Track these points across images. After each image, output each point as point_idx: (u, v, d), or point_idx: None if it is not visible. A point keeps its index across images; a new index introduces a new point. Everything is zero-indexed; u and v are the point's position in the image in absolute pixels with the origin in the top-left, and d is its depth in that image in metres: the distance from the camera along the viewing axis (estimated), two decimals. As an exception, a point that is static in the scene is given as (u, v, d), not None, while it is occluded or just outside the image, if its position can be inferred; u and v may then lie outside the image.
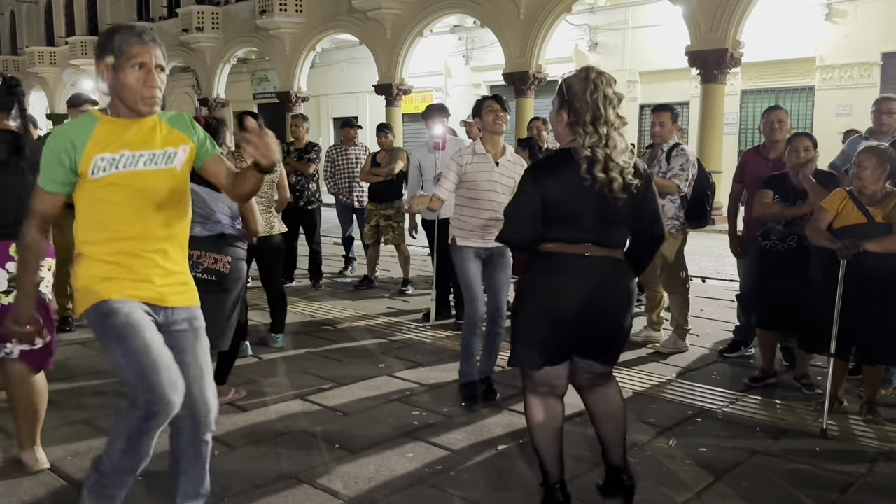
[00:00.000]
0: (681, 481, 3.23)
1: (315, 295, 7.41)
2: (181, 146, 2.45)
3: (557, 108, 2.73)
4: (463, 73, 21.62)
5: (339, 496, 3.07)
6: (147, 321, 2.35)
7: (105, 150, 2.31)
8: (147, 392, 2.26)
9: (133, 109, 2.35)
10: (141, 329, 2.31)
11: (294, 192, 7.56)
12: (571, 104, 2.66)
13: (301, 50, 21.48)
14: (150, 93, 2.32)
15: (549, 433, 2.82)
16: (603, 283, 2.69)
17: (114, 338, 2.30)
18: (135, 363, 2.26)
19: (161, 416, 2.30)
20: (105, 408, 4.01)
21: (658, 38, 17.06)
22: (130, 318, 2.31)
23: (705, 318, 6.37)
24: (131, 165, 2.34)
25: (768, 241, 4.50)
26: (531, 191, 2.70)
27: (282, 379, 4.67)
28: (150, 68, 2.31)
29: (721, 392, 4.45)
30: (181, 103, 29.75)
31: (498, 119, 4.20)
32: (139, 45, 2.30)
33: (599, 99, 2.61)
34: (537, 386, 2.81)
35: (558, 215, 2.68)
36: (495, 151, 4.26)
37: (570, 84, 2.68)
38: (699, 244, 11.09)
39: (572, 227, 2.68)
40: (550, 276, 2.71)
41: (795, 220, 4.39)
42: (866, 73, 15.01)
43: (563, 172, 2.67)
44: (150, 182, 2.37)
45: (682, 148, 5.21)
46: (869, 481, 3.26)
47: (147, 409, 2.27)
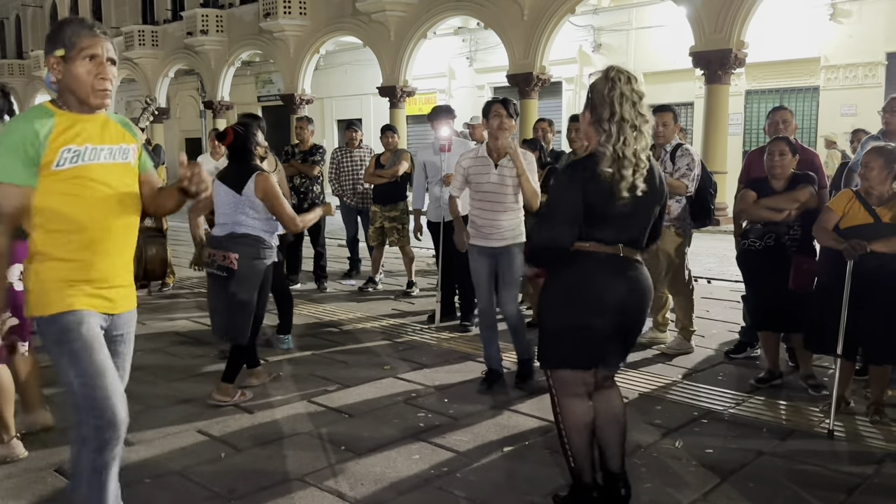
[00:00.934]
0: (687, 482, 3.23)
1: (320, 297, 7.41)
2: (132, 145, 2.46)
3: (587, 107, 2.73)
4: (467, 74, 21.62)
5: (345, 498, 3.07)
6: (101, 339, 2.34)
7: (71, 142, 2.28)
8: (97, 418, 2.25)
9: (84, 102, 2.32)
10: (96, 349, 2.30)
11: (298, 193, 7.58)
12: (593, 103, 2.67)
13: (305, 52, 21.50)
14: (101, 85, 2.31)
15: (587, 433, 2.83)
16: (631, 284, 2.74)
17: (69, 357, 2.27)
18: (88, 385, 2.25)
19: (113, 442, 2.29)
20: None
21: (662, 39, 17.03)
22: (87, 337, 2.28)
23: (711, 319, 6.36)
24: (95, 158, 2.32)
25: (746, 241, 4.51)
26: (570, 191, 2.67)
27: (287, 381, 4.67)
28: (101, 60, 2.30)
29: (727, 393, 4.44)
30: (185, 106, 29.84)
31: (501, 125, 4.29)
32: (90, 38, 2.29)
33: (616, 97, 2.61)
34: (574, 387, 2.81)
35: (598, 216, 2.67)
36: (497, 154, 4.33)
37: (593, 84, 2.69)
38: (704, 245, 11.07)
39: (610, 228, 2.70)
40: (591, 275, 2.71)
41: None
42: (871, 73, 14.96)
43: (593, 177, 2.64)
44: (112, 176, 2.36)
45: (685, 148, 5.20)
46: (876, 482, 3.25)
47: (98, 438, 2.25)
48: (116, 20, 29.41)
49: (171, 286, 7.63)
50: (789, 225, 4.31)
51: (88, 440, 2.26)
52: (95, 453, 2.26)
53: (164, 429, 3.83)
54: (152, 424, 3.88)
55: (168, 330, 6.00)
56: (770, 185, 4.44)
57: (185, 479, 3.25)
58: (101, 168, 2.34)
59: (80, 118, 2.33)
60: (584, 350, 2.76)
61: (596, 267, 2.72)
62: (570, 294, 2.75)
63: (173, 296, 7.40)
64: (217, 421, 3.94)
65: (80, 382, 2.25)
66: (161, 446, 3.62)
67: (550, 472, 3.32)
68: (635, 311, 2.79)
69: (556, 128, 7.31)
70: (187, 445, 3.64)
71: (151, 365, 5.01)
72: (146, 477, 3.27)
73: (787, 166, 4.37)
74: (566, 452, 2.86)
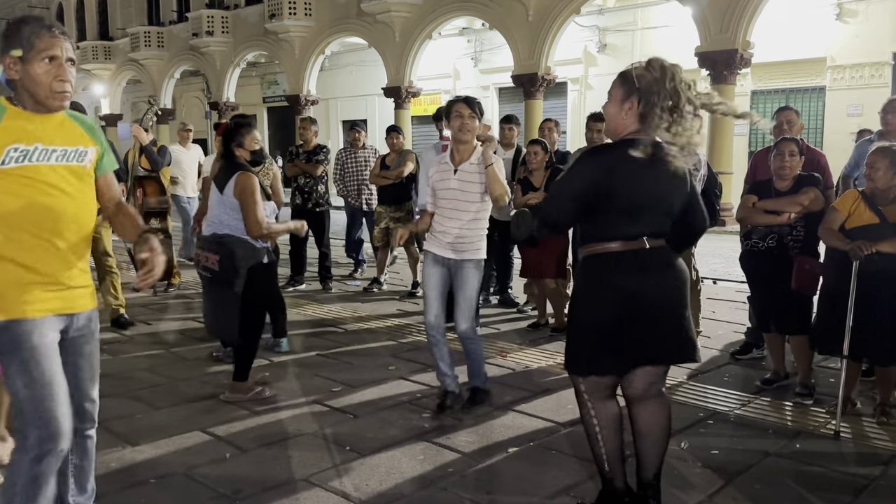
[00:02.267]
0: (692, 484, 3.22)
1: (324, 297, 7.42)
2: (90, 147, 2.42)
3: (623, 97, 2.65)
4: (472, 75, 21.62)
5: (350, 498, 3.07)
6: (54, 347, 2.31)
7: (18, 140, 2.24)
8: (40, 428, 2.22)
9: (43, 104, 2.29)
10: (47, 357, 2.27)
11: (303, 194, 7.59)
12: (645, 92, 2.58)
13: (310, 53, 21.54)
14: (60, 87, 2.27)
15: (615, 436, 2.78)
16: (661, 274, 2.68)
17: (18, 364, 2.24)
18: (35, 396, 2.22)
19: (53, 453, 2.25)
20: (109, 409, 4.03)
21: (667, 39, 16.98)
22: (39, 346, 2.25)
23: (717, 319, 6.34)
24: (44, 159, 2.28)
25: (749, 241, 4.50)
26: (585, 172, 2.67)
27: (292, 381, 4.68)
28: (60, 62, 2.26)
29: (733, 394, 4.43)
30: (191, 107, 29.91)
31: (463, 127, 3.94)
32: (49, 38, 2.25)
33: (678, 85, 2.57)
34: (599, 391, 2.75)
35: (623, 208, 2.64)
36: (459, 158, 4.01)
37: (641, 74, 2.62)
38: (710, 245, 11.02)
39: (633, 221, 2.65)
40: (614, 277, 2.67)
41: None
42: (878, 73, 14.90)
43: (626, 163, 2.59)
44: (63, 178, 2.32)
45: None
46: (883, 484, 3.23)
47: (39, 447, 2.22)
48: (122, 21, 29.53)
49: (177, 287, 7.64)
50: (792, 226, 4.30)
51: (30, 449, 2.23)
52: (34, 462, 2.23)
53: (169, 429, 3.83)
54: (157, 425, 3.89)
55: (173, 330, 6.02)
56: (774, 186, 4.42)
57: (190, 480, 3.26)
58: (50, 170, 2.29)
59: (34, 117, 2.30)
60: (605, 356, 2.69)
61: (618, 268, 2.66)
62: (590, 298, 2.72)
63: (179, 296, 7.42)
64: (222, 421, 3.95)
65: (26, 392, 2.23)
66: (166, 446, 3.63)
67: (556, 473, 3.31)
68: (672, 299, 2.68)
69: (560, 128, 7.31)
70: (192, 446, 3.65)
71: (156, 365, 5.03)
72: (151, 477, 3.28)
73: (795, 167, 4.35)
74: (600, 458, 2.81)
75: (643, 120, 2.61)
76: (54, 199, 2.29)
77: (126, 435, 3.74)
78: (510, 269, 6.97)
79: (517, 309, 6.71)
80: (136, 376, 4.78)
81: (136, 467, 3.39)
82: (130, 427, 3.85)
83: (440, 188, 4.04)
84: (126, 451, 3.57)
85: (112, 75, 30.29)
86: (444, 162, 4.10)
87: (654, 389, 2.79)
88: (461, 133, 3.96)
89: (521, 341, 5.69)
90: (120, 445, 3.62)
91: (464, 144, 4.00)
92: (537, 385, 4.51)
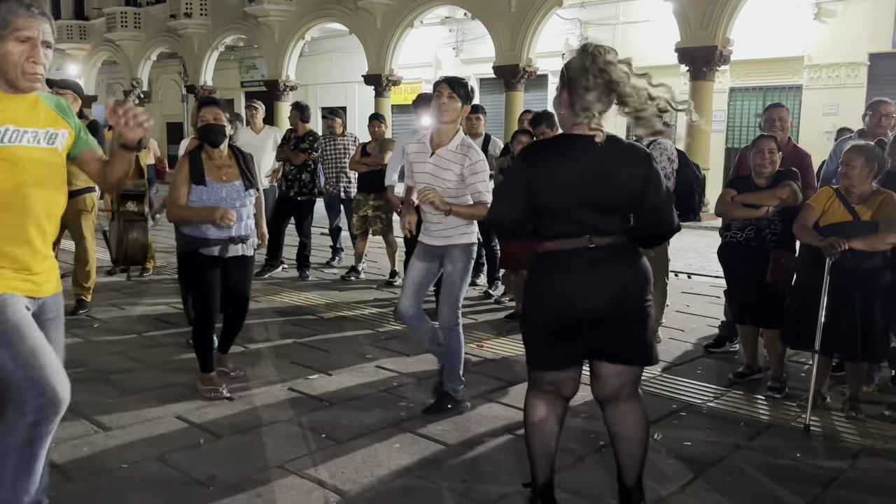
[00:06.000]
0: (665, 475, 3.25)
1: (302, 285, 7.38)
2: (62, 129, 2.38)
3: (559, 90, 2.62)
4: (453, 65, 21.53)
5: (325, 485, 3.07)
6: (30, 319, 2.28)
7: None
8: (38, 396, 2.19)
9: (13, 85, 2.25)
10: (28, 327, 2.24)
11: (287, 181, 7.53)
12: (571, 80, 2.53)
13: (290, 38, 21.33)
14: (32, 69, 2.23)
15: (541, 435, 2.72)
16: (607, 272, 2.56)
17: (1, 340, 2.21)
18: (24, 366, 2.19)
19: (52, 419, 2.23)
20: (81, 394, 3.98)
21: (648, 34, 17.07)
22: (15, 318, 2.22)
23: (691, 313, 6.41)
24: (16, 140, 2.24)
25: (728, 232, 4.55)
26: (517, 171, 2.62)
27: (268, 369, 4.65)
28: (35, 43, 2.22)
29: (706, 387, 4.48)
30: (168, 90, 29.50)
31: (440, 107, 3.74)
32: (27, 18, 2.20)
33: (608, 63, 2.51)
34: (542, 385, 2.71)
35: (555, 205, 2.56)
36: (438, 141, 3.81)
37: (569, 63, 2.56)
38: (686, 241, 11.12)
39: (571, 219, 2.55)
40: (555, 275, 2.58)
41: None
42: (854, 74, 15.11)
43: (557, 158, 2.55)
44: (34, 160, 2.28)
45: (659, 142, 5.27)
46: (851, 477, 3.30)
47: (37, 413, 2.20)
48: (98, 0, 28.98)
49: (150, 271, 7.55)
50: (770, 220, 4.35)
51: (27, 414, 2.20)
52: (31, 427, 2.21)
53: (143, 414, 3.80)
54: (130, 410, 3.85)
55: (147, 314, 5.95)
56: (753, 182, 4.47)
57: (164, 465, 3.23)
58: (22, 151, 2.25)
59: (5, 97, 2.25)
60: (544, 352, 2.64)
61: (559, 266, 2.59)
62: (533, 296, 2.68)
63: (153, 281, 7.33)
64: (196, 407, 3.92)
65: (14, 364, 2.19)
66: (139, 432, 3.59)
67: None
68: (625, 298, 2.56)
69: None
70: (166, 431, 3.61)
71: (129, 350, 4.97)
72: (123, 462, 3.24)
73: (776, 164, 4.40)
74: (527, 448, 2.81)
75: (572, 107, 2.53)
76: (23, 181, 2.25)
77: (98, 420, 3.69)
78: (496, 260, 6.91)
79: (495, 300, 6.73)
80: (109, 361, 4.72)
81: (107, 452, 3.35)
82: (102, 412, 3.80)
83: (416, 171, 3.88)
84: (98, 436, 3.53)
85: (87, 56, 29.75)
86: (421, 142, 3.91)
87: (626, 392, 2.67)
88: (437, 113, 3.78)
89: (498, 331, 5.70)
90: (91, 430, 3.57)
91: (442, 126, 3.80)
92: (513, 375, 4.53)
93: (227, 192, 4.01)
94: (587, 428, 3.74)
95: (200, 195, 3.95)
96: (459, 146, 3.79)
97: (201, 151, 4.05)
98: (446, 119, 3.77)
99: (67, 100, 5.88)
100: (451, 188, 3.75)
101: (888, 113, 5.07)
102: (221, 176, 4.02)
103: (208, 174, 3.99)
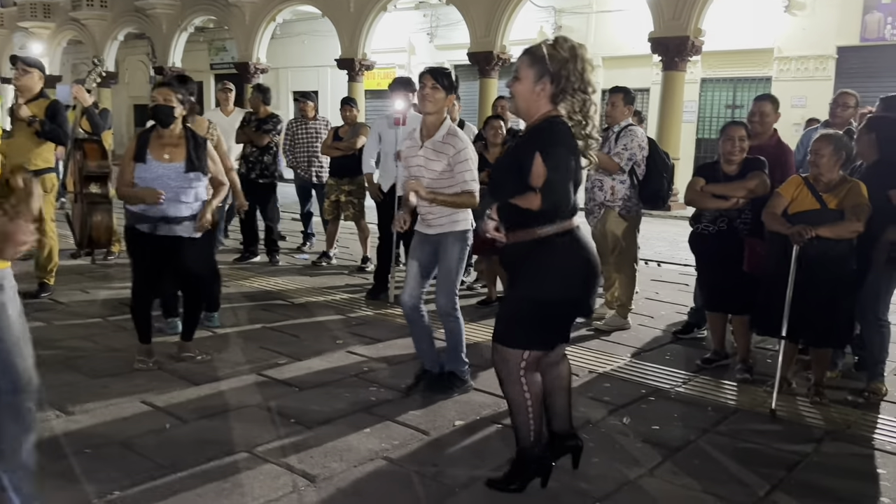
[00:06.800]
0: (634, 458, 3.28)
1: (272, 270, 7.29)
2: None
3: (536, 77, 2.67)
4: (427, 50, 21.40)
5: (293, 470, 3.03)
6: None
7: None
8: None
9: None
10: None
11: (248, 163, 7.42)
12: (556, 74, 2.66)
13: (261, 20, 20.97)
14: None
15: (541, 406, 2.89)
16: (591, 256, 2.80)
17: None
18: None
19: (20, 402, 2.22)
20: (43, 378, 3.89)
21: (622, 24, 17.11)
22: None
23: (660, 300, 6.46)
24: None
25: (700, 224, 4.58)
26: (567, 157, 2.67)
27: (236, 353, 4.59)
28: None
29: (674, 372, 4.53)
30: (135, 71, 28.91)
31: (423, 98, 3.80)
32: None
33: (585, 67, 2.68)
34: (533, 365, 2.83)
35: (574, 186, 2.74)
36: (426, 133, 3.89)
37: (552, 54, 2.67)
38: (655, 229, 11.24)
39: (572, 199, 2.75)
40: (574, 255, 2.74)
41: None
42: (822, 66, 15.31)
43: (574, 143, 2.70)
44: None
45: (630, 129, 5.32)
46: (815, 460, 3.35)
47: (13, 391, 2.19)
48: (63, -22, 28.22)
49: (116, 254, 7.40)
50: (741, 210, 4.39)
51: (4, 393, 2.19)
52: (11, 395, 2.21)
53: (107, 399, 3.72)
54: (94, 394, 3.77)
55: (112, 298, 5.83)
56: (722, 169, 4.49)
57: (128, 450, 3.17)
58: None
59: None
60: (553, 332, 2.84)
61: (572, 246, 2.75)
62: (547, 277, 2.72)
63: (118, 264, 7.19)
64: (161, 391, 3.85)
65: None
66: (102, 416, 3.52)
67: (500, 445, 3.32)
68: (593, 284, 2.85)
69: (514, 106, 7.31)
70: (130, 416, 3.55)
71: (94, 334, 4.87)
72: (86, 447, 3.18)
73: (745, 151, 4.43)
74: (528, 428, 2.84)
75: (556, 100, 2.67)
76: None
77: (60, 404, 3.61)
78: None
79: (467, 286, 6.72)
80: (73, 345, 4.62)
81: (70, 437, 3.28)
82: (65, 396, 3.71)
83: (410, 164, 3.95)
84: (60, 420, 3.45)
85: (51, 35, 28.96)
86: (413, 136, 3.98)
87: (563, 350, 3.02)
88: (421, 104, 3.85)
89: (471, 317, 5.68)
90: (53, 414, 3.49)
91: (428, 117, 3.86)
92: (484, 360, 4.50)
93: (163, 171, 4.04)
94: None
95: (139, 172, 4.04)
96: (445, 136, 3.83)
97: (154, 131, 4.12)
98: (430, 109, 3.81)
99: (34, 78, 5.77)
100: (441, 178, 3.81)
101: (844, 103, 5.32)
102: (163, 155, 4.07)
103: (151, 153, 4.06)
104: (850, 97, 5.38)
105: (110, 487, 2.84)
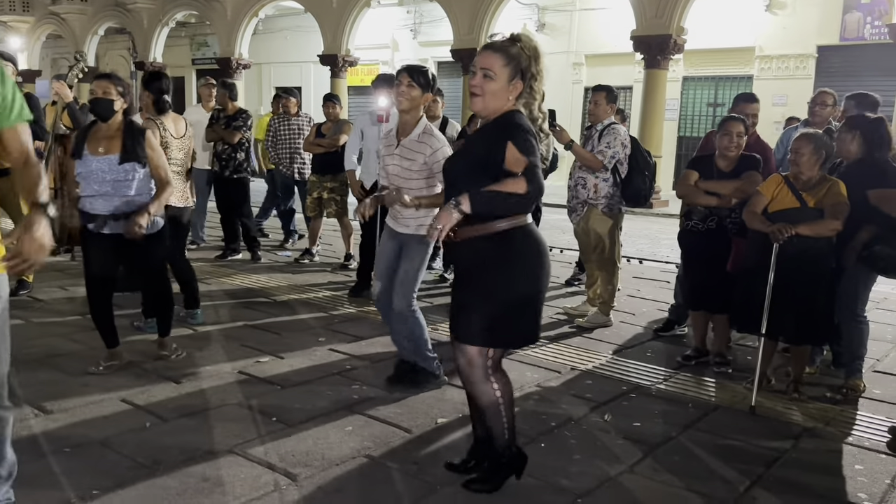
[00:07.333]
0: (615, 455, 3.29)
1: (254, 268, 7.25)
2: None
3: (511, 76, 2.65)
4: (410, 47, 21.37)
5: (275, 469, 3.02)
6: None
7: None
8: None
9: None
10: None
11: (220, 161, 7.36)
12: (526, 71, 2.67)
13: (243, 15, 20.81)
14: None
15: (512, 399, 2.88)
16: None
17: None
18: None
19: None
20: (20, 376, 3.84)
21: (605, 22, 17.19)
22: None
23: (641, 297, 6.50)
24: None
25: (690, 222, 4.61)
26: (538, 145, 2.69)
27: (217, 351, 4.56)
28: None
29: (655, 369, 4.55)
30: (116, 66, 28.57)
31: (400, 95, 3.76)
32: None
33: (542, 67, 2.70)
34: (497, 363, 2.82)
35: None
36: (402, 131, 3.85)
37: (520, 53, 2.67)
38: (637, 226, 11.31)
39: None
40: (531, 248, 2.73)
41: None
42: (802, 65, 15.47)
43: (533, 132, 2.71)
44: None
45: (613, 127, 5.35)
46: (794, 456, 3.39)
47: None
48: (42, -29, 27.85)
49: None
50: (731, 208, 4.40)
51: None
52: None
53: (86, 397, 3.69)
54: (73, 392, 3.74)
55: (92, 296, 5.77)
56: (716, 164, 4.50)
57: (107, 449, 3.14)
58: None
59: None
60: (525, 328, 2.80)
61: (538, 241, 2.76)
62: (518, 273, 2.70)
63: (99, 262, 7.12)
64: (142, 390, 3.82)
65: None
66: (82, 414, 3.49)
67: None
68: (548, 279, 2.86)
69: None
70: (110, 414, 3.51)
71: (73, 332, 4.82)
72: (65, 446, 3.14)
73: (741, 147, 4.46)
74: (501, 427, 2.83)
75: (521, 97, 2.69)
76: None
77: (38, 402, 3.57)
78: None
79: (449, 284, 6.72)
80: (51, 343, 4.57)
81: (49, 435, 3.24)
82: (44, 395, 3.67)
83: (386, 164, 3.90)
84: (38, 419, 3.41)
85: (30, 29, 28.57)
86: (390, 134, 3.94)
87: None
88: (397, 102, 3.81)
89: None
90: (32, 413, 3.45)
91: (404, 115, 3.83)
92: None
93: (97, 165, 3.95)
94: (538, 410, 3.77)
95: (77, 168, 4.00)
96: (421, 135, 3.79)
97: (94, 126, 4.06)
98: (405, 107, 3.78)
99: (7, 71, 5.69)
100: (416, 178, 3.77)
101: (822, 102, 5.45)
102: (98, 148, 3.98)
103: (88, 147, 3.99)
104: (828, 96, 5.49)
105: (90, 487, 2.81)
